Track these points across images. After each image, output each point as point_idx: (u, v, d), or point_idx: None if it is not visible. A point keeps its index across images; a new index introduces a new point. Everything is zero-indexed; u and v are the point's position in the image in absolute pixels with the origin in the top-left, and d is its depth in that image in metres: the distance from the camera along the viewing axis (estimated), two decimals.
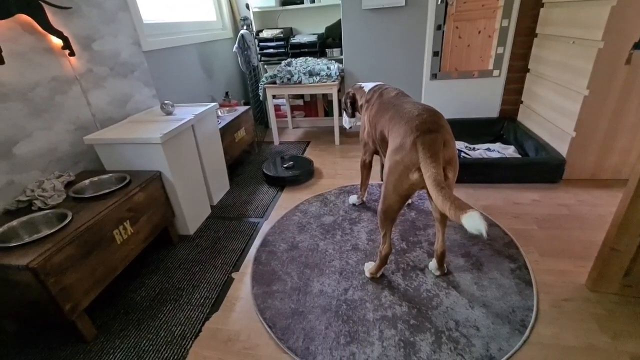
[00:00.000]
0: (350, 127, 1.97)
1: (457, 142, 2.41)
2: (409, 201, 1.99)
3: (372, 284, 1.45)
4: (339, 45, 3.09)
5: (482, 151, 2.35)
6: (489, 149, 2.38)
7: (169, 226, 1.77)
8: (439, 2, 2.41)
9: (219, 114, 2.63)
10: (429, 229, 1.76)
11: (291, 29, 3.37)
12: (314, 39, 3.13)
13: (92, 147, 1.73)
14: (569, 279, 1.40)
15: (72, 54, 1.63)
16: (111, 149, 1.67)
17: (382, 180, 1.36)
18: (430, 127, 1.13)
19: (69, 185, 1.53)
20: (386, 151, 1.29)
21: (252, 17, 3.17)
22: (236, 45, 2.94)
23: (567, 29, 2.02)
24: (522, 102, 2.63)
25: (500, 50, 2.49)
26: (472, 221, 0.87)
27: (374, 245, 1.68)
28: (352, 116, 1.90)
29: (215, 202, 2.21)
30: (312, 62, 2.91)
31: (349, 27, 2.87)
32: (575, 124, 1.94)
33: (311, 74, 2.81)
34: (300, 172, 2.38)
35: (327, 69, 2.81)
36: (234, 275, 1.59)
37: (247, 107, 2.81)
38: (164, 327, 1.33)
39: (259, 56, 3.30)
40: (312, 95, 3.46)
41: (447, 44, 2.56)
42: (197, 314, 1.38)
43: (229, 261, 1.67)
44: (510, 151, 2.35)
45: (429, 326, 1.24)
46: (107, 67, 1.86)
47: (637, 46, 1.68)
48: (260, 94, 3.05)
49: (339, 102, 2.92)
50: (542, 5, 2.31)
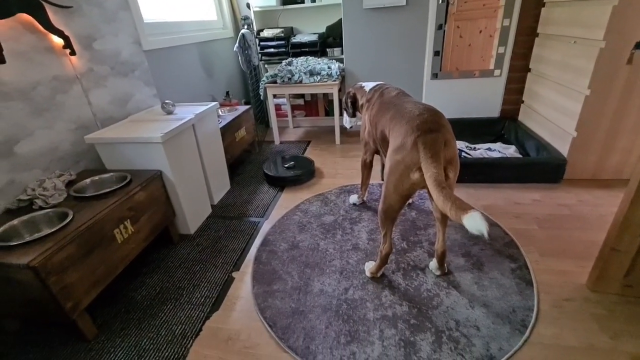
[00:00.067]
0: (350, 127, 1.97)
1: (458, 142, 2.41)
2: (410, 201, 1.99)
3: (373, 283, 1.45)
4: (340, 44, 3.08)
5: (483, 151, 2.35)
6: (489, 149, 2.37)
7: (169, 225, 1.78)
8: (440, 2, 2.40)
9: (220, 113, 2.63)
10: (429, 229, 1.76)
11: (292, 28, 3.37)
12: (314, 38, 3.13)
13: (93, 147, 1.73)
14: (570, 279, 1.40)
15: (73, 53, 1.63)
16: (112, 148, 1.68)
17: (382, 179, 1.36)
18: (431, 127, 1.13)
19: (70, 184, 1.53)
20: (387, 151, 1.29)
21: (252, 16, 3.17)
22: (237, 44, 2.94)
23: (568, 28, 2.01)
24: (523, 102, 2.63)
25: (501, 49, 2.49)
26: (473, 222, 0.87)
27: (375, 244, 1.68)
28: (353, 116, 1.90)
29: (215, 202, 2.22)
30: (312, 62, 2.91)
31: (350, 26, 2.87)
32: (576, 124, 1.94)
33: (312, 73, 2.81)
34: (301, 172, 2.38)
35: (328, 68, 2.81)
36: (234, 274, 1.59)
37: (247, 107, 2.81)
38: (165, 326, 1.34)
39: (260, 55, 3.30)
40: (312, 94, 3.46)
41: (448, 44, 2.55)
42: (197, 313, 1.39)
43: (229, 260, 1.68)
44: (511, 151, 2.35)
45: (429, 326, 1.24)
46: (108, 67, 1.86)
47: (638, 46, 1.68)
48: (260, 94, 3.05)
49: (340, 101, 2.92)
50: (543, 4, 2.31)
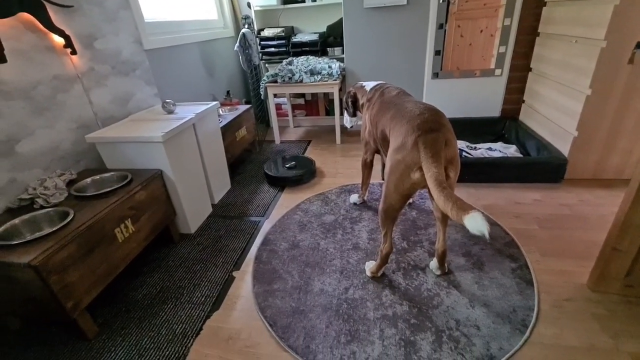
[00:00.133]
0: (351, 126, 1.97)
1: (459, 142, 2.40)
2: (410, 200, 1.99)
3: (373, 283, 1.45)
4: (341, 44, 3.08)
5: (484, 150, 2.35)
6: (490, 149, 2.37)
7: (170, 225, 1.78)
8: (441, 1, 2.40)
9: (220, 112, 2.63)
10: (430, 228, 1.76)
11: (292, 27, 3.37)
12: (315, 37, 3.12)
13: (94, 146, 1.73)
14: (570, 278, 1.40)
15: (73, 52, 1.63)
16: (113, 148, 1.68)
17: (383, 179, 1.36)
18: (431, 126, 1.13)
19: (70, 183, 1.53)
20: (387, 150, 1.29)
21: (253, 15, 3.17)
22: (237, 44, 2.94)
23: (569, 27, 2.01)
24: (524, 102, 2.62)
25: (502, 49, 2.48)
26: (474, 222, 0.87)
27: (375, 244, 1.68)
28: (354, 115, 1.90)
29: (216, 201, 2.22)
30: (313, 61, 2.91)
31: (351, 25, 2.86)
32: (577, 124, 1.94)
33: (312, 72, 2.81)
34: (303, 171, 2.37)
35: (329, 67, 2.81)
36: (234, 273, 1.59)
37: (248, 106, 2.81)
38: (165, 325, 1.34)
39: (260, 55, 3.30)
40: (313, 94, 3.46)
41: (449, 43, 2.55)
42: (198, 312, 1.39)
43: (230, 260, 1.68)
44: (511, 150, 2.34)
45: (429, 325, 1.24)
46: (109, 66, 1.86)
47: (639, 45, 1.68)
48: (261, 93, 3.05)
49: (340, 101, 2.92)
50: (544, 4, 2.30)
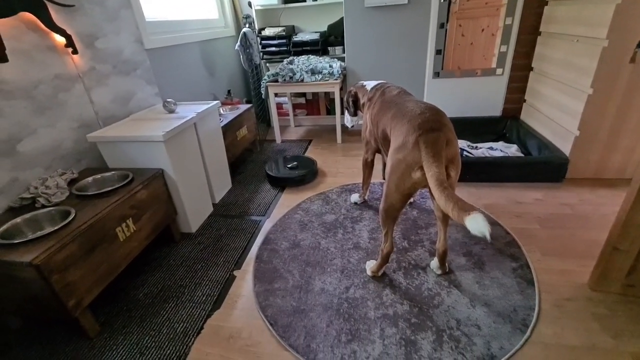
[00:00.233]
0: (352, 126, 1.97)
1: (460, 141, 2.40)
2: (411, 200, 1.98)
3: (374, 282, 1.45)
4: (341, 43, 3.08)
5: (485, 150, 2.35)
6: (491, 148, 2.37)
7: (171, 224, 1.78)
8: (442, 0, 2.39)
9: (221, 112, 2.63)
10: (430, 228, 1.76)
11: (293, 27, 3.37)
12: (316, 37, 3.12)
13: (95, 145, 1.73)
14: (571, 278, 1.40)
15: (75, 51, 1.64)
16: (114, 147, 1.68)
17: (384, 178, 1.36)
18: (432, 126, 1.13)
19: (72, 182, 1.53)
20: (388, 150, 1.29)
21: (254, 15, 3.17)
22: (238, 43, 2.94)
23: (571, 27, 2.00)
24: (525, 101, 2.62)
25: (503, 48, 2.48)
26: (475, 223, 0.86)
27: (376, 243, 1.68)
28: (354, 115, 1.90)
29: (217, 200, 2.22)
30: (314, 60, 2.90)
31: (352, 25, 2.86)
32: (578, 123, 1.93)
33: (313, 72, 2.81)
34: (306, 172, 2.35)
35: (330, 67, 2.81)
36: (235, 273, 1.60)
37: (249, 105, 2.81)
38: (166, 324, 1.34)
39: (261, 54, 3.29)
40: (314, 93, 3.46)
41: (450, 42, 2.54)
42: (199, 311, 1.39)
43: (230, 259, 1.68)
44: (513, 150, 2.34)
45: (430, 325, 1.24)
46: (110, 65, 1.86)
47: None
48: (262, 92, 3.05)
49: (341, 100, 2.92)
50: (546, 3, 2.29)
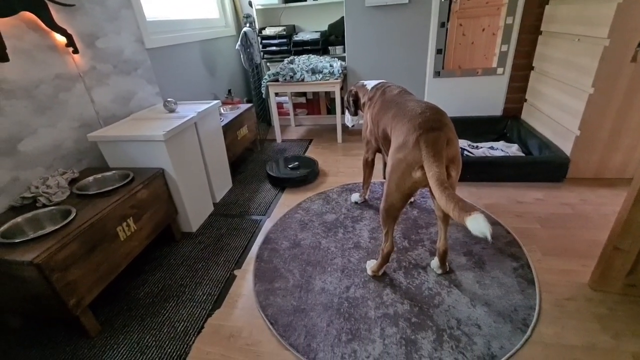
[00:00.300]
0: (352, 125, 1.97)
1: (460, 141, 2.39)
2: (412, 199, 1.99)
3: (374, 282, 1.45)
4: (342, 42, 3.07)
5: (486, 149, 2.34)
6: (492, 148, 2.37)
7: (171, 223, 1.78)
8: (443, 0, 2.39)
9: (222, 111, 2.63)
10: (431, 227, 1.76)
11: (294, 26, 3.37)
12: (316, 36, 3.12)
13: (96, 145, 1.73)
14: (572, 278, 1.39)
15: (75, 51, 1.64)
16: (114, 146, 1.68)
17: (384, 178, 1.36)
18: (433, 125, 1.13)
19: (72, 182, 1.54)
20: (389, 149, 1.29)
21: (254, 14, 3.17)
22: (239, 42, 2.93)
23: (572, 26, 2.00)
24: (526, 100, 2.62)
25: (504, 48, 2.47)
26: (476, 224, 0.86)
27: (376, 243, 1.68)
28: (355, 114, 1.90)
29: (217, 200, 2.22)
30: (314, 60, 2.90)
31: (352, 24, 2.86)
32: (579, 123, 1.93)
33: (314, 71, 2.81)
34: (307, 172, 2.34)
35: (330, 66, 2.81)
36: (236, 272, 1.60)
37: (249, 105, 2.81)
38: (167, 323, 1.34)
39: (262, 54, 3.29)
40: (314, 93, 3.46)
41: (451, 42, 2.54)
42: (199, 310, 1.39)
43: (231, 258, 1.68)
44: (513, 149, 2.34)
45: (430, 324, 1.24)
46: (111, 65, 1.86)
47: None
48: (262, 92, 3.05)
49: (342, 100, 2.92)
50: (547, 2, 2.29)
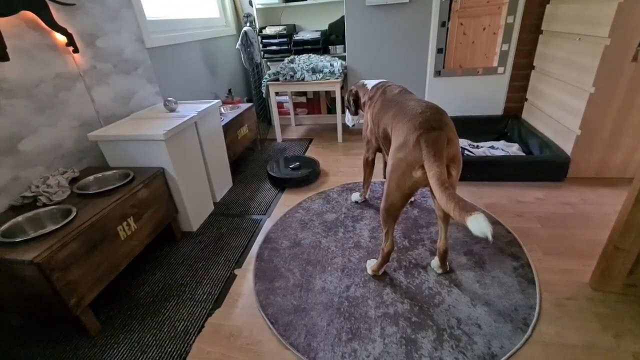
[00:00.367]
0: (353, 125, 1.96)
1: (461, 140, 2.40)
2: (412, 199, 1.98)
3: (374, 281, 1.45)
4: (342, 42, 3.07)
5: (486, 149, 2.34)
6: (492, 147, 2.36)
7: (172, 222, 1.78)
8: None
9: (222, 111, 2.63)
10: (431, 227, 1.76)
11: (294, 25, 3.36)
12: (317, 35, 3.11)
13: (96, 144, 1.73)
14: (572, 277, 1.39)
15: (75, 50, 1.64)
16: (115, 146, 1.68)
17: (384, 177, 1.36)
18: (433, 125, 1.12)
19: (73, 181, 1.54)
20: (389, 149, 1.29)
21: (255, 13, 3.16)
22: (239, 42, 2.93)
23: (573, 25, 1.99)
24: (526, 100, 2.61)
25: (505, 47, 2.47)
26: (477, 224, 0.86)
27: (377, 242, 1.68)
28: (355, 114, 1.90)
29: (218, 199, 2.22)
30: (315, 59, 2.90)
31: (353, 24, 2.85)
32: (580, 122, 1.93)
33: (314, 71, 2.81)
34: (309, 172, 2.32)
35: (330, 66, 2.80)
36: (236, 271, 1.60)
37: (250, 104, 2.81)
38: (167, 322, 1.35)
39: (262, 53, 3.29)
40: (315, 92, 3.46)
41: (452, 41, 2.54)
42: (200, 309, 1.39)
43: (231, 258, 1.68)
44: (514, 149, 2.34)
45: (430, 324, 1.24)
46: (111, 64, 1.86)
47: None
48: (263, 91, 3.05)
49: (342, 99, 2.92)
50: (547, 1, 2.29)
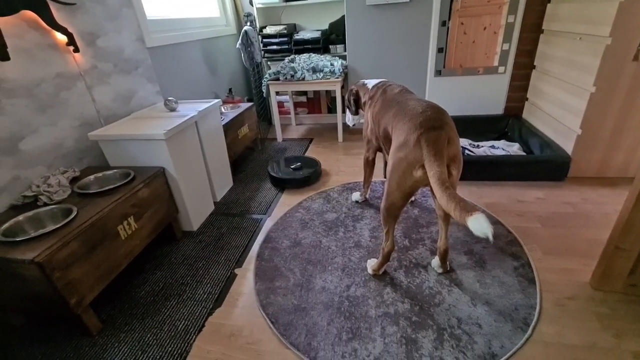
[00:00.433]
0: (353, 124, 1.96)
1: (462, 139, 2.39)
2: (412, 198, 1.98)
3: (375, 281, 1.45)
4: (343, 41, 3.07)
5: (487, 148, 2.34)
6: (493, 147, 2.36)
7: (172, 222, 1.79)
8: None
9: (222, 110, 2.63)
10: (432, 227, 1.76)
11: (295, 25, 3.36)
12: (317, 35, 3.11)
13: (97, 143, 1.74)
14: (573, 277, 1.39)
15: (76, 50, 1.64)
16: (115, 145, 1.69)
17: (385, 177, 1.36)
18: (434, 124, 1.12)
19: (74, 181, 1.54)
20: (389, 148, 1.29)
21: (255, 13, 3.16)
22: (240, 41, 2.93)
23: (574, 25, 1.99)
24: (527, 99, 2.61)
25: (505, 46, 2.47)
26: (477, 224, 0.86)
27: (377, 242, 1.68)
28: (356, 113, 1.90)
29: (218, 199, 2.22)
30: (315, 59, 2.90)
31: (353, 23, 2.85)
32: (581, 122, 1.92)
33: (314, 70, 2.81)
34: (310, 172, 2.30)
35: (331, 65, 2.80)
36: (237, 271, 1.60)
37: (250, 104, 2.81)
38: (168, 321, 1.35)
39: (263, 52, 3.29)
40: (315, 91, 3.45)
41: (452, 40, 2.53)
42: (200, 309, 1.40)
43: (232, 257, 1.68)
44: (514, 149, 2.33)
45: (431, 323, 1.24)
46: (111, 64, 1.86)
47: None
48: (263, 91, 3.05)
49: (343, 98, 2.92)
50: (548, 0, 2.28)
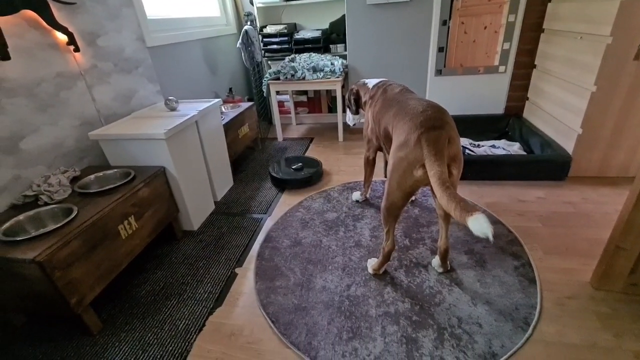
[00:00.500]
0: (354, 124, 1.96)
1: (462, 139, 2.39)
2: (413, 198, 1.98)
3: (375, 280, 1.45)
4: (343, 41, 3.07)
5: (487, 148, 2.34)
6: (493, 146, 2.36)
7: (173, 221, 1.79)
8: None
9: (223, 110, 2.63)
10: (432, 226, 1.76)
11: (295, 24, 3.36)
12: (318, 34, 3.11)
13: (97, 143, 1.74)
14: (573, 277, 1.39)
15: (76, 49, 1.64)
16: (116, 145, 1.69)
17: (385, 177, 1.36)
18: (434, 124, 1.12)
19: (74, 180, 1.54)
20: (390, 148, 1.29)
21: (255, 12, 3.16)
22: (240, 41, 2.93)
23: (574, 24, 1.99)
24: (528, 99, 2.61)
25: (506, 46, 2.46)
26: (478, 224, 0.86)
27: (377, 241, 1.68)
28: (356, 113, 1.89)
29: (219, 198, 2.22)
30: (316, 58, 2.90)
31: (353, 22, 2.85)
32: (581, 121, 1.92)
33: (315, 69, 2.80)
34: (311, 172, 2.29)
35: (331, 64, 2.80)
36: (237, 270, 1.60)
37: (250, 103, 2.81)
38: (168, 321, 1.35)
39: (263, 52, 3.29)
40: (315, 91, 3.45)
41: (453, 40, 2.53)
42: (200, 308, 1.40)
43: (232, 257, 1.68)
44: (515, 148, 2.33)
45: (431, 323, 1.24)
46: (112, 63, 1.86)
47: None
48: (263, 90, 3.04)
49: (343, 98, 2.92)
50: (549, 0, 2.28)
